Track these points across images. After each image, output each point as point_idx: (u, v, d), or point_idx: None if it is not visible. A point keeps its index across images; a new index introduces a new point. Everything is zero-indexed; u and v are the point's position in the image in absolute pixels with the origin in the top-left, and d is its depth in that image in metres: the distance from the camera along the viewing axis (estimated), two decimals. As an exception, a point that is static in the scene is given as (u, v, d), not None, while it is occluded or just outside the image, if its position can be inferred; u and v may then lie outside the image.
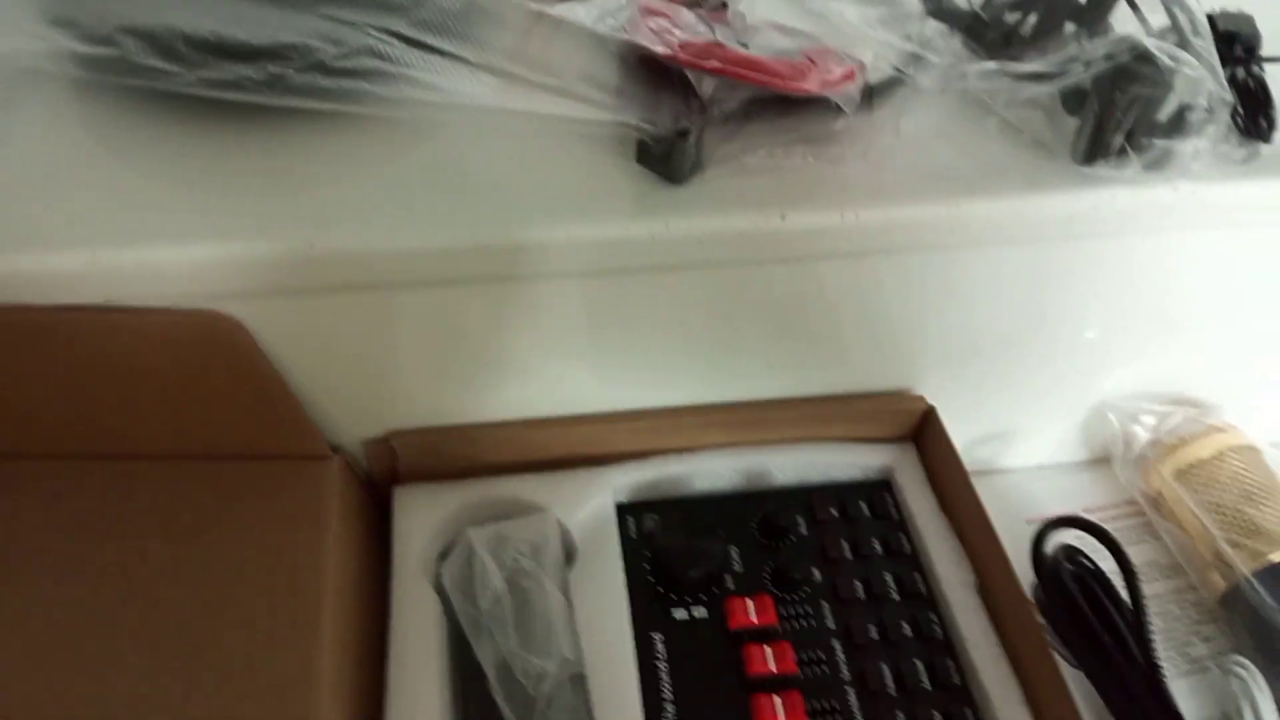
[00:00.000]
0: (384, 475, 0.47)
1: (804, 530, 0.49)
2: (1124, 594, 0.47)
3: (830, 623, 0.45)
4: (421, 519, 0.46)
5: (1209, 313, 0.51)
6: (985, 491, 0.47)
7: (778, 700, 0.41)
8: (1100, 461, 0.60)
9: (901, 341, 0.49)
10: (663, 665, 0.43)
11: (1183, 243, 0.46)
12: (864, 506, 0.50)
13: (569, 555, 0.46)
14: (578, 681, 0.41)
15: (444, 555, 0.44)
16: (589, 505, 0.47)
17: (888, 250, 0.42)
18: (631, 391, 0.48)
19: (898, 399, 0.51)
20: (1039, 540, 0.50)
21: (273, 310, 0.39)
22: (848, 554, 0.48)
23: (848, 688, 0.43)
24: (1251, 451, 0.54)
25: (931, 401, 0.51)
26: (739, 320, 0.45)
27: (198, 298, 0.38)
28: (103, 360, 0.39)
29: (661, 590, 0.45)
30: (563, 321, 0.43)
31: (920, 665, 0.44)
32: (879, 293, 0.45)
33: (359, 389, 0.44)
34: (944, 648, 0.45)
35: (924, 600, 0.46)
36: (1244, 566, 0.49)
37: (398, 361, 0.43)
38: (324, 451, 0.45)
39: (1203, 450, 0.53)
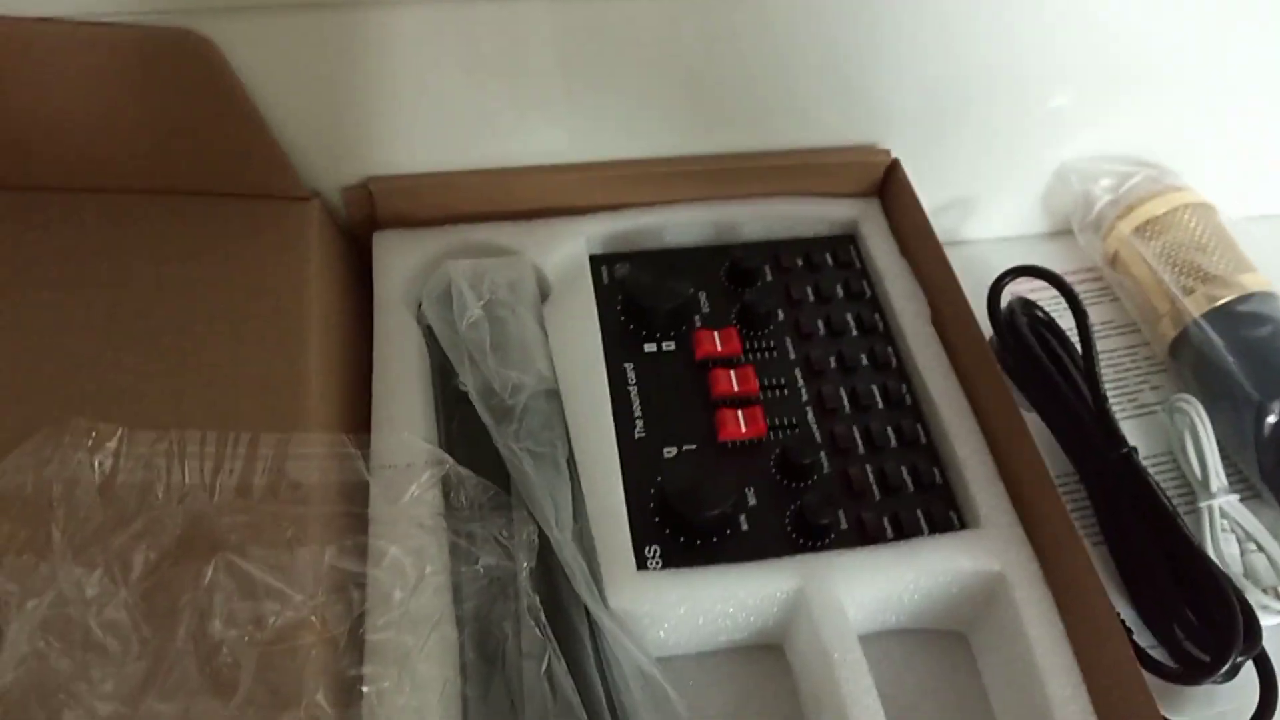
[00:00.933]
0: (363, 222, 0.49)
1: (770, 277, 0.51)
2: (1076, 342, 0.50)
3: (792, 354, 0.48)
4: (401, 259, 0.47)
5: (1173, 71, 0.52)
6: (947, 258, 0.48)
7: (740, 413, 0.44)
8: (1062, 233, 0.62)
9: (867, 94, 0.50)
10: (633, 390, 0.45)
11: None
12: (828, 257, 0.52)
13: (543, 295, 0.48)
14: (552, 395, 0.44)
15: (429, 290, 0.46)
16: (563, 251, 0.49)
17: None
18: (605, 142, 0.49)
19: (863, 152, 0.52)
20: (995, 290, 0.52)
21: (245, 30, 0.40)
22: (811, 297, 0.50)
23: (806, 407, 0.46)
24: (1205, 208, 0.55)
25: (896, 156, 0.52)
26: (705, 64, 0.46)
27: (172, 15, 0.39)
28: (79, 79, 0.40)
29: (632, 328, 0.48)
30: (537, 61, 0.44)
31: (875, 388, 0.46)
32: (843, 38, 0.46)
33: (335, 130, 0.46)
34: (898, 373, 0.47)
35: (881, 334, 0.49)
36: (1194, 310, 0.52)
37: (371, 98, 0.44)
38: (303, 193, 0.46)
39: (1159, 207, 0.55)
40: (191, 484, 0.35)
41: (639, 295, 0.47)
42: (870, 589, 0.39)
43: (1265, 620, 0.45)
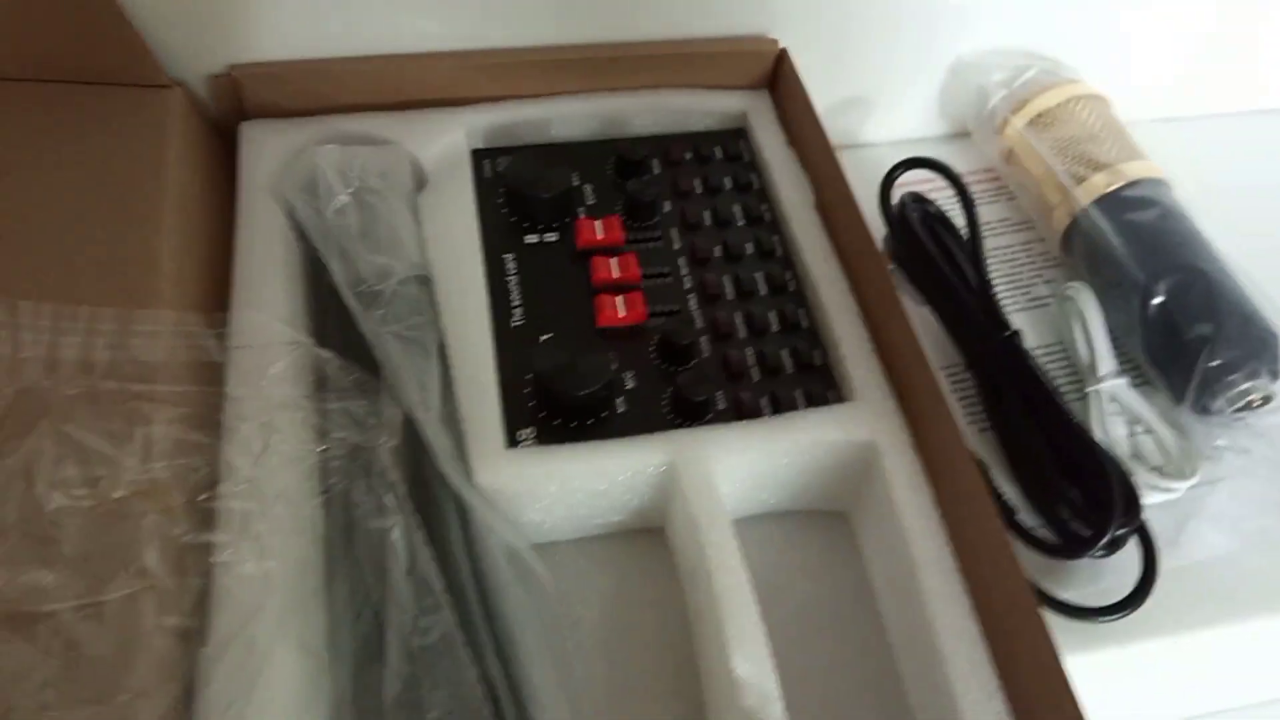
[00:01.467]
0: (230, 112, 0.47)
1: (657, 170, 0.50)
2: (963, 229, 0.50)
3: (676, 244, 0.47)
4: (269, 149, 0.46)
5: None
6: (843, 164, 0.47)
7: (620, 299, 0.43)
8: (960, 136, 0.61)
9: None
10: (512, 280, 0.44)
11: None
12: (717, 150, 0.51)
13: (420, 186, 0.47)
14: (423, 282, 0.42)
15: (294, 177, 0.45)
16: (442, 142, 0.48)
17: None
18: (484, 28, 0.48)
19: (752, 42, 0.51)
20: (887, 183, 0.52)
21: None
22: (698, 189, 0.49)
23: (689, 295, 0.45)
24: (1098, 99, 0.55)
25: (785, 47, 0.51)
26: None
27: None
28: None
29: (514, 220, 0.47)
30: None
31: (759, 275, 0.46)
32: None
33: (197, 14, 0.44)
34: (782, 261, 0.47)
35: (767, 224, 0.48)
36: (1084, 198, 0.52)
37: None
38: (164, 80, 0.44)
39: (1052, 99, 0.55)
40: (25, 356, 0.33)
41: (520, 185, 0.46)
42: (743, 462, 0.39)
43: (1153, 498, 0.45)
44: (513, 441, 0.39)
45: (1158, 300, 0.48)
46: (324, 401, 0.38)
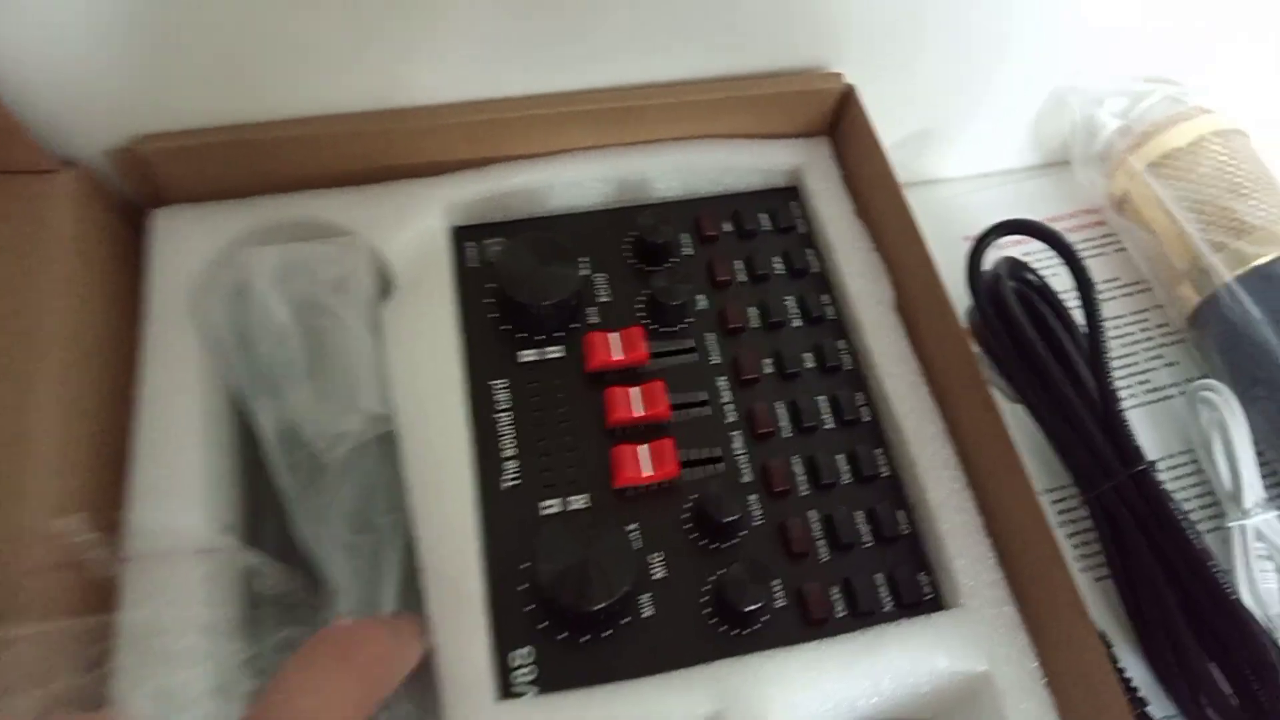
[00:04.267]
0: (141, 194, 0.36)
1: (688, 251, 0.39)
2: (1077, 315, 0.39)
3: (716, 358, 0.36)
4: (186, 247, 0.35)
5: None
6: (916, 206, 0.37)
7: (643, 450, 0.33)
8: (1055, 166, 0.50)
9: (813, 8, 0.38)
10: (504, 416, 0.34)
11: None
12: (764, 219, 0.40)
13: (384, 289, 0.36)
14: (386, 443, 0.32)
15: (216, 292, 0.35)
16: (412, 227, 0.37)
17: None
18: (467, 73, 0.37)
19: (808, 78, 0.40)
20: (977, 251, 0.41)
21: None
22: (742, 276, 0.39)
23: (733, 432, 0.35)
24: (1239, 136, 0.44)
25: (850, 82, 0.40)
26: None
27: None
28: None
29: (507, 329, 0.36)
30: None
31: (823, 401, 0.35)
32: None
33: (90, 74, 0.33)
34: (851, 379, 0.36)
35: (831, 325, 0.37)
36: (1225, 271, 0.41)
37: (140, 27, 0.32)
38: (45, 163, 0.34)
39: (1181, 136, 0.43)
40: None
41: (514, 286, 0.35)
42: (813, 698, 0.29)
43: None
44: (506, 684, 0.29)
45: (1330, 414, 0.37)
46: (256, 636, 0.28)
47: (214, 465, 0.31)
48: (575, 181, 0.39)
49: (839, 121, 0.41)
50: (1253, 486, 0.38)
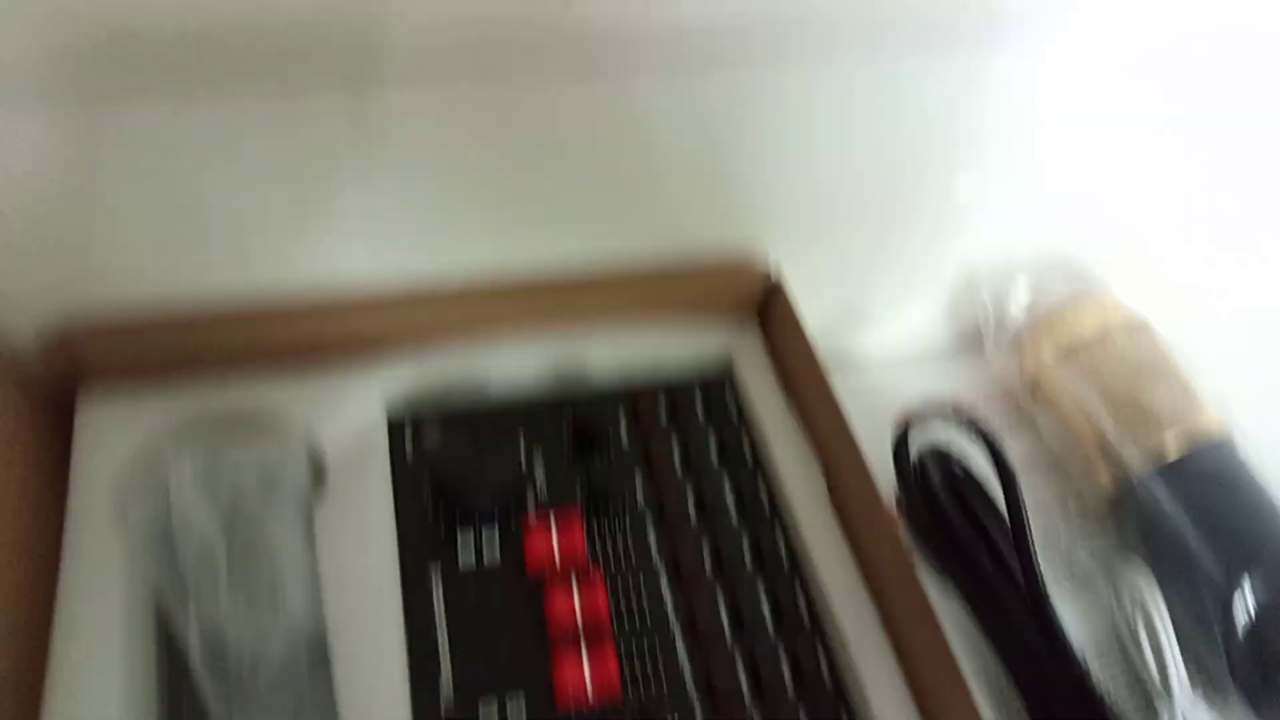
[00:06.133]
0: (64, 378, 0.35)
1: (625, 441, 0.39)
2: (1000, 502, 0.40)
3: (654, 552, 0.36)
4: (112, 442, 0.34)
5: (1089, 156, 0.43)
6: (840, 389, 0.38)
7: (585, 661, 0.32)
8: (970, 348, 0.52)
9: (736, 192, 0.39)
10: (439, 620, 0.33)
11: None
12: (697, 406, 0.41)
13: (318, 475, 0.35)
14: (317, 653, 0.31)
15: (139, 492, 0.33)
16: (348, 415, 0.37)
17: (708, 63, 0.32)
18: (405, 259, 0.37)
19: (736, 268, 0.41)
20: (901, 439, 0.42)
21: None
22: (677, 465, 0.39)
23: (674, 636, 0.34)
24: (1141, 329, 0.47)
25: (775, 268, 0.41)
26: (530, 156, 0.34)
27: None
28: None
29: (445, 524, 0.35)
30: (310, 150, 0.32)
31: (763, 600, 0.35)
32: (703, 123, 0.35)
33: (13, 252, 0.32)
34: (790, 579, 0.36)
35: (768, 521, 0.38)
36: (1136, 462, 0.43)
37: (67, 205, 0.31)
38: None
39: (1086, 328, 0.46)
40: None
41: (452, 482, 0.35)
42: None
43: None
44: None
45: (1243, 608, 0.39)
46: None
47: (135, 676, 0.29)
48: (512, 367, 0.40)
49: (768, 308, 0.42)
50: (1178, 676, 0.39)
